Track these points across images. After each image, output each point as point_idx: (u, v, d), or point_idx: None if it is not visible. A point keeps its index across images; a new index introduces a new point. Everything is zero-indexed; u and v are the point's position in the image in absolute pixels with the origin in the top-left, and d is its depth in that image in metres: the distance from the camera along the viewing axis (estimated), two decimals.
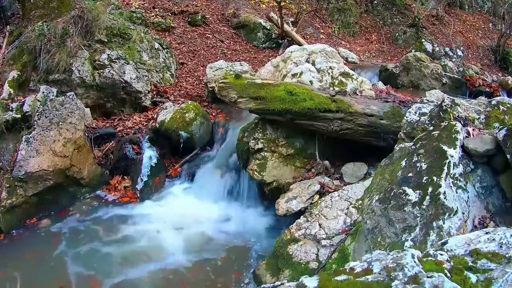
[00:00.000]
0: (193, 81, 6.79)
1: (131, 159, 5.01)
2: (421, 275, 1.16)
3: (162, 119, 5.19)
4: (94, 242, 4.05)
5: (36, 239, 4.09)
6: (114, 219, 4.46)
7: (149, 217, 4.47)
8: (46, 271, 3.65)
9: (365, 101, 4.25)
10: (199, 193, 4.87)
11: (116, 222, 4.41)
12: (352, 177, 4.13)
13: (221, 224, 4.43)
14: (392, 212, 2.31)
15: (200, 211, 4.55)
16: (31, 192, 4.29)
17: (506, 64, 9.84)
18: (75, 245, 4.00)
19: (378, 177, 2.68)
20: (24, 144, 4.26)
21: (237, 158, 4.80)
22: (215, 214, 4.56)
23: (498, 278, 1.18)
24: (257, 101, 4.19)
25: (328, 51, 5.25)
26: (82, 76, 5.34)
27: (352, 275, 1.23)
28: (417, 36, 9.98)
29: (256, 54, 8.42)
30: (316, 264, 3.20)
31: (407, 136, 3.09)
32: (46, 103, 4.56)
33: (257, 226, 4.38)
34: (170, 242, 4.08)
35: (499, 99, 2.94)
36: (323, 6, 10.71)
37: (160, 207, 4.67)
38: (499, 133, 2.33)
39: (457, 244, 1.41)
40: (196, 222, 4.41)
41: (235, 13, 9.35)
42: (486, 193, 2.39)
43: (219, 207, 4.69)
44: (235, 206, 4.71)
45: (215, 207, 4.68)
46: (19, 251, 3.90)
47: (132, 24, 6.32)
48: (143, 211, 4.59)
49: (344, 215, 3.47)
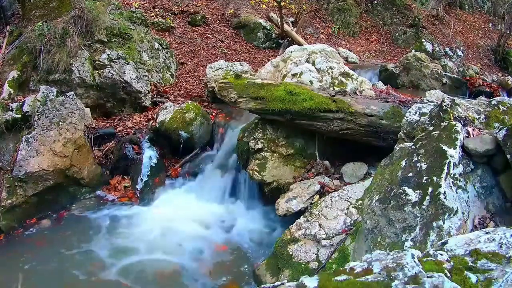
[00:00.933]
0: (193, 81, 6.79)
1: (131, 159, 5.01)
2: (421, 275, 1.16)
3: (162, 119, 5.19)
4: (94, 242, 4.05)
5: (36, 239, 4.09)
6: (114, 219, 4.46)
7: (149, 217, 4.47)
8: (46, 271, 3.65)
9: (365, 101, 4.25)
10: (199, 193, 4.87)
11: (116, 222, 4.41)
12: (352, 177, 4.13)
13: (221, 224, 4.43)
14: (392, 212, 2.31)
15: (200, 211, 4.55)
16: (31, 192, 4.29)
17: (506, 64, 9.84)
18: (75, 245, 4.00)
19: (378, 177, 2.68)
20: (24, 144, 4.26)
21: (237, 158, 4.80)
22: (215, 214, 4.56)
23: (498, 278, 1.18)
24: (257, 101, 4.19)
25: (328, 51, 5.25)
26: (82, 76, 5.34)
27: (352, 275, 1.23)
28: (417, 36, 9.98)
29: (256, 54, 8.42)
30: (316, 264, 3.20)
31: (407, 136, 3.09)
32: (46, 103, 4.56)
33: (257, 226, 4.38)
34: (169, 242, 4.08)
35: (499, 99, 2.94)
36: (323, 6, 10.71)
37: (160, 207, 4.66)
38: (499, 133, 2.33)
39: (457, 244, 1.41)
40: (196, 222, 4.40)
41: (235, 13, 9.35)
42: (486, 193, 2.39)
43: (219, 207, 4.69)
44: (235, 206, 4.71)
45: (215, 207, 4.68)
46: (19, 251, 3.89)
47: (132, 24, 6.32)
48: (143, 211, 4.59)
49: (344, 215, 3.47)
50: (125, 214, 4.54)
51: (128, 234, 4.20)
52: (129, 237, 4.15)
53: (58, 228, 4.27)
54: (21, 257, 3.79)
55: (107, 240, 4.09)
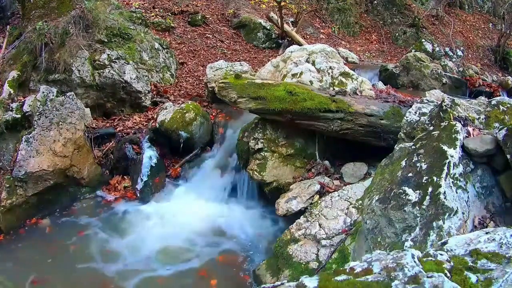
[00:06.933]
0: (193, 81, 6.79)
1: (131, 159, 5.01)
2: (421, 275, 1.16)
3: (162, 119, 5.18)
4: (94, 242, 4.05)
5: (36, 239, 4.09)
6: (114, 219, 4.46)
7: (149, 217, 4.47)
8: (46, 271, 3.65)
9: (365, 101, 4.25)
10: (199, 193, 4.86)
11: (116, 222, 4.41)
12: (352, 177, 4.13)
13: (221, 224, 4.43)
14: (392, 212, 2.31)
15: (200, 211, 4.55)
16: (31, 192, 4.29)
17: (506, 64, 9.83)
18: (75, 245, 4.00)
19: (378, 177, 2.68)
20: (24, 144, 4.26)
21: (237, 158, 4.80)
22: (215, 214, 4.56)
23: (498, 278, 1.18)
24: (257, 101, 4.19)
25: (328, 51, 5.25)
26: (82, 76, 5.34)
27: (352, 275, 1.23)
28: (417, 36, 9.97)
29: (256, 54, 8.41)
30: (316, 264, 3.20)
31: (407, 136, 3.09)
32: (46, 103, 4.56)
33: (256, 226, 4.38)
34: (169, 242, 4.08)
35: (499, 99, 2.94)
36: (323, 6, 10.70)
37: (160, 207, 4.66)
38: (499, 133, 2.33)
39: (457, 244, 1.41)
40: (195, 222, 4.40)
41: (235, 13, 9.35)
42: (486, 193, 2.39)
43: (219, 207, 4.69)
44: (235, 206, 4.71)
45: (215, 207, 4.68)
46: (19, 251, 3.89)
47: (132, 24, 6.32)
48: (143, 211, 4.59)
49: (344, 215, 3.47)
50: (125, 214, 4.54)
51: (128, 234, 4.20)
52: (129, 237, 4.14)
53: (58, 228, 4.27)
54: (21, 257, 3.79)
55: (107, 240, 4.09)
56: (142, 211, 4.58)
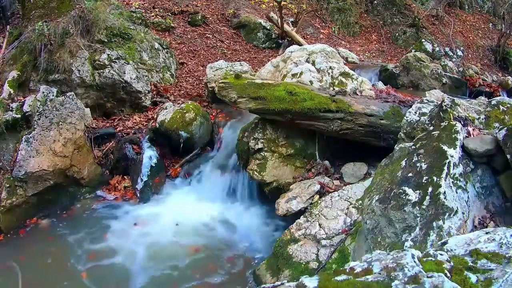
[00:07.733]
0: (193, 81, 6.79)
1: (131, 159, 5.00)
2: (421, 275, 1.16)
3: (162, 119, 5.18)
4: (94, 242, 4.05)
5: (36, 239, 4.09)
6: (114, 219, 4.45)
7: (149, 217, 4.47)
8: (46, 271, 3.65)
9: (365, 101, 4.25)
10: (199, 193, 4.86)
11: (116, 222, 4.40)
12: (352, 177, 4.13)
13: (221, 224, 4.43)
14: (392, 212, 2.31)
15: (200, 211, 4.55)
16: (31, 192, 4.29)
17: (506, 64, 9.83)
18: (76, 245, 4.00)
19: (378, 177, 2.68)
20: (24, 144, 4.26)
21: (237, 158, 4.80)
22: (215, 214, 4.56)
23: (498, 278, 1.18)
24: (257, 101, 4.19)
25: (328, 51, 5.25)
26: (82, 76, 5.34)
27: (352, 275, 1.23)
28: (417, 36, 9.97)
29: (256, 54, 8.41)
30: (316, 264, 3.21)
31: (407, 136, 3.09)
32: (46, 103, 4.56)
33: (257, 226, 4.38)
34: (169, 242, 4.08)
35: (499, 99, 2.94)
36: (323, 6, 10.70)
37: (160, 207, 4.66)
38: (499, 133, 2.33)
39: (457, 244, 1.41)
40: (195, 222, 4.40)
41: (235, 13, 9.35)
42: (486, 193, 2.39)
43: (219, 207, 4.69)
44: (235, 206, 4.71)
45: (215, 207, 4.68)
46: (19, 251, 3.89)
47: (132, 24, 6.32)
48: (143, 211, 4.59)
49: (344, 215, 3.48)
50: (125, 214, 4.54)
51: (128, 234, 4.20)
52: (129, 237, 4.14)
53: (58, 228, 4.27)
54: (21, 257, 3.78)
55: (107, 240, 4.09)
56: (142, 211, 4.58)
